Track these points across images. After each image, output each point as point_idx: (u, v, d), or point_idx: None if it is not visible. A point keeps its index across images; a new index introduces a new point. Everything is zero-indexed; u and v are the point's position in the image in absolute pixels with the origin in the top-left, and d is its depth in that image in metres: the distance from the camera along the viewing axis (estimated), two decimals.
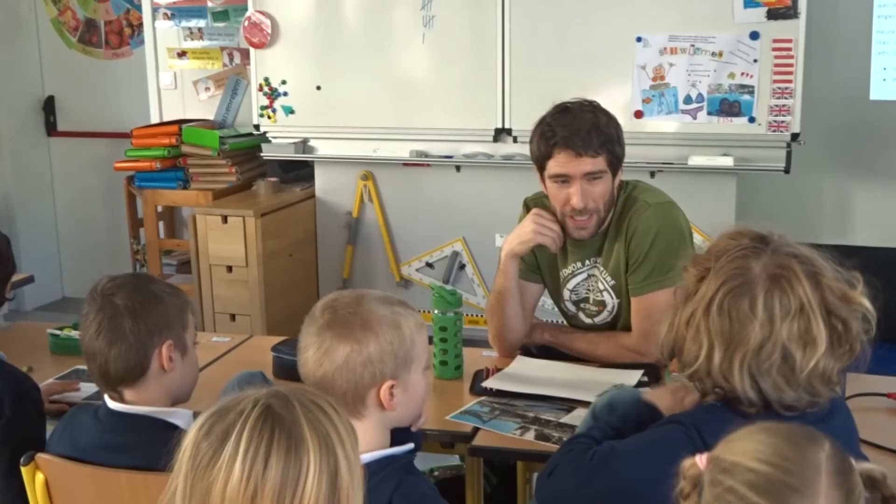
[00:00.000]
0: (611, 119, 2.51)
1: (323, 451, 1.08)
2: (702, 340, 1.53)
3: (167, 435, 1.75)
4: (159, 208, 5.00)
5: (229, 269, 4.43)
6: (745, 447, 1.14)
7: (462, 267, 4.66)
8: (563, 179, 2.49)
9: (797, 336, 1.48)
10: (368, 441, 1.63)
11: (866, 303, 1.52)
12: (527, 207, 2.70)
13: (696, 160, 4.11)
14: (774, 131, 4.02)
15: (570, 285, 2.66)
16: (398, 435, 1.71)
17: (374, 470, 1.59)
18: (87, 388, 2.47)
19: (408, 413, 1.71)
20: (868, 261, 1.58)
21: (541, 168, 2.54)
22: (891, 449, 2.01)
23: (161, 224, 5.08)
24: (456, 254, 4.65)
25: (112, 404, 1.81)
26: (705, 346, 1.53)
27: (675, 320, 1.59)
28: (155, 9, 5.18)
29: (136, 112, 5.41)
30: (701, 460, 1.19)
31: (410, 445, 1.70)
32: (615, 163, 2.49)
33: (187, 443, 1.09)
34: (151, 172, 4.85)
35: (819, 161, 4.41)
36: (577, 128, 2.45)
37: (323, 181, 4.81)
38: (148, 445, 1.74)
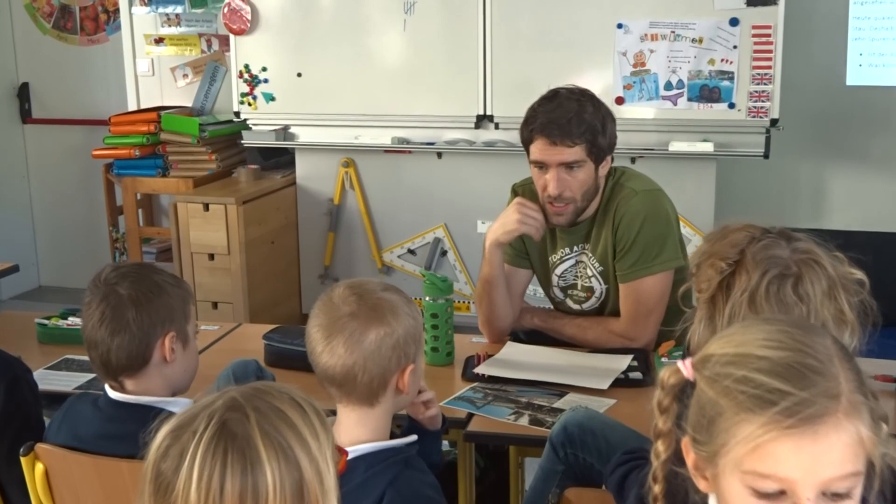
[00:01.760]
0: (599, 109, 2.51)
1: (282, 462, 1.05)
2: None
3: None
4: (138, 196, 4.98)
5: (211, 256, 4.42)
6: (749, 338, 1.14)
7: (444, 253, 4.68)
8: (541, 166, 2.52)
9: (833, 316, 1.53)
10: (372, 430, 1.64)
11: (865, 280, 1.58)
12: (514, 193, 2.72)
13: (677, 146, 4.15)
14: (754, 117, 4.06)
15: (559, 271, 2.69)
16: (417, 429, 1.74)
17: (372, 462, 1.60)
18: (76, 377, 2.47)
19: (414, 393, 1.73)
20: (844, 244, 1.63)
21: (527, 152, 2.56)
22: None
23: (140, 212, 5.06)
24: (438, 240, 4.67)
25: (113, 394, 1.81)
26: None
27: (715, 317, 1.59)
28: None
29: (112, 99, 5.38)
30: (685, 366, 1.19)
31: (412, 438, 1.71)
32: (597, 153, 2.49)
33: (147, 465, 1.07)
34: (130, 160, 4.82)
35: (796, 146, 4.46)
36: (557, 116, 2.47)
37: (304, 168, 4.80)
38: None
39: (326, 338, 1.62)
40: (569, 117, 2.45)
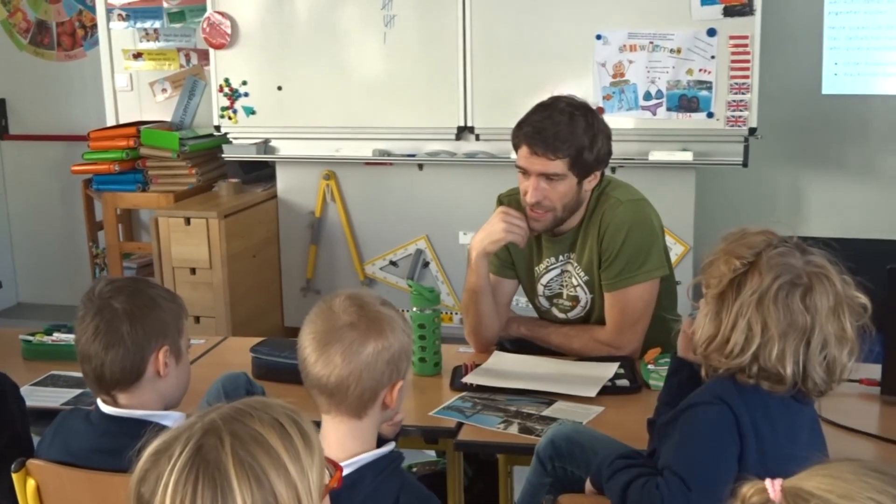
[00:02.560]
0: (592, 125, 2.50)
1: (255, 490, 1.05)
2: (754, 330, 1.60)
3: None
4: (118, 211, 4.96)
5: (193, 271, 4.40)
6: (855, 488, 1.00)
7: (426, 265, 4.69)
8: (523, 171, 2.54)
9: (836, 333, 1.60)
10: (363, 441, 1.64)
11: (867, 304, 1.64)
12: (501, 204, 2.72)
13: (657, 155, 4.19)
14: (732, 126, 4.10)
15: (544, 281, 2.70)
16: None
17: (377, 471, 1.61)
18: (63, 393, 2.46)
19: (395, 412, 1.73)
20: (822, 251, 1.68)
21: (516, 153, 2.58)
22: (863, 432, 2.08)
23: (119, 227, 5.04)
24: (420, 252, 4.68)
25: (106, 408, 1.80)
26: (759, 336, 1.60)
27: (721, 313, 1.63)
28: (109, 10, 5.13)
29: (90, 114, 5.36)
30: (773, 487, 1.05)
31: (392, 444, 1.71)
32: (581, 168, 2.50)
33: (131, 486, 1.08)
34: (110, 175, 4.80)
35: (774, 154, 4.51)
36: (543, 127, 2.48)
37: (285, 181, 4.80)
38: None
39: (323, 346, 1.60)
40: (555, 130, 2.46)
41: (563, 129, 2.46)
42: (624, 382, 2.40)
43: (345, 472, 1.59)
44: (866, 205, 4.61)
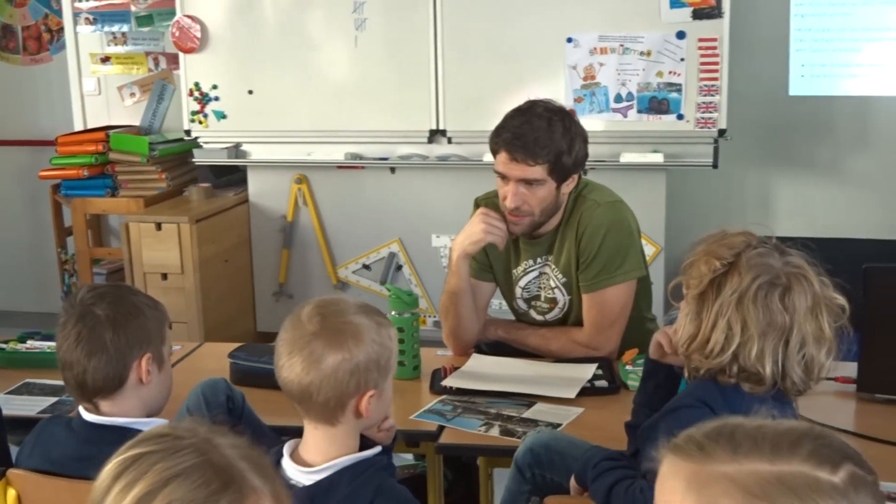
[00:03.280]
0: (570, 130, 2.52)
1: None
2: (734, 329, 1.62)
3: None
4: (87, 216, 4.91)
5: (164, 276, 4.37)
6: None
7: (399, 268, 4.69)
8: (503, 177, 2.55)
9: (814, 333, 1.63)
10: (341, 446, 1.65)
11: (845, 305, 1.67)
12: (478, 206, 2.73)
13: (628, 157, 4.21)
14: (702, 128, 4.14)
15: (523, 283, 2.71)
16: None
17: (353, 474, 1.61)
18: (39, 401, 2.44)
19: (377, 418, 1.73)
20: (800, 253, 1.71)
21: (494, 159, 2.58)
22: (839, 429, 2.11)
23: (88, 232, 4.99)
24: (393, 255, 4.68)
25: (88, 415, 1.79)
26: (738, 335, 1.62)
27: (702, 313, 1.65)
28: (76, 14, 5.08)
29: (57, 119, 5.30)
30: None
31: (378, 448, 1.72)
32: (560, 172, 2.52)
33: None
34: (79, 180, 4.75)
35: (743, 155, 4.55)
36: (522, 133, 2.49)
37: (256, 185, 4.78)
38: None
39: (288, 353, 1.62)
40: (535, 136, 2.47)
41: (542, 134, 2.47)
42: (602, 383, 2.42)
43: (320, 476, 1.61)
44: (834, 204, 4.66)
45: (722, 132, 4.14)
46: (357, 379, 1.61)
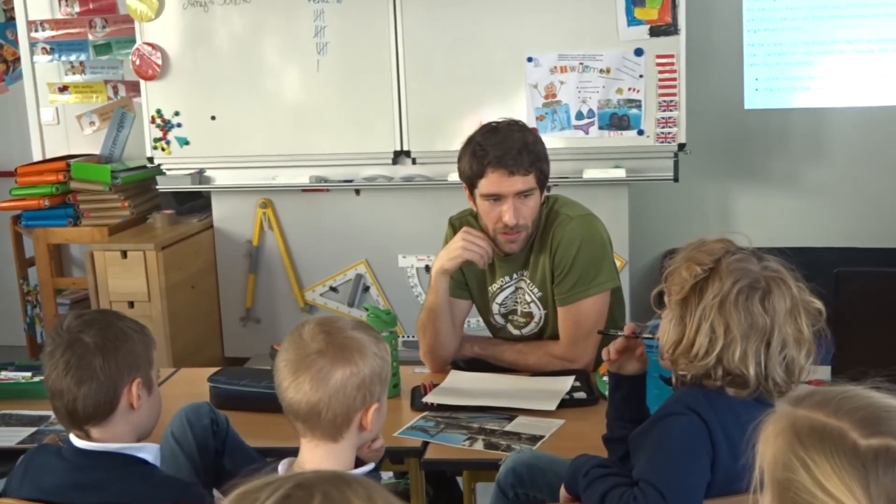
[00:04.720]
0: (537, 138, 2.61)
1: None
2: (717, 332, 1.67)
3: (137, 470, 1.77)
4: (50, 246, 4.86)
5: (131, 304, 4.34)
6: None
7: (366, 289, 4.70)
8: (496, 198, 2.56)
9: (793, 335, 1.68)
10: (339, 462, 1.67)
11: (822, 308, 1.73)
12: (452, 226, 2.77)
13: (591, 173, 4.27)
14: (662, 142, 4.21)
15: (499, 299, 2.74)
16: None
17: None
18: (17, 431, 2.41)
19: (377, 431, 1.76)
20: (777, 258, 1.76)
21: (471, 186, 2.60)
22: None
23: (51, 263, 4.94)
24: (360, 276, 4.69)
25: (79, 443, 1.78)
26: (722, 337, 1.66)
27: (685, 318, 1.69)
28: (33, 43, 5.05)
29: (15, 150, 5.27)
30: None
31: (372, 465, 1.74)
32: (543, 180, 2.59)
33: None
34: (40, 210, 4.71)
35: (703, 169, 4.63)
36: (509, 147, 2.53)
37: (221, 211, 4.77)
38: (120, 481, 1.75)
39: (293, 373, 1.64)
40: (518, 147, 2.52)
41: (524, 145, 2.54)
42: (581, 395, 2.46)
43: None
44: (791, 214, 4.77)
45: (682, 146, 4.22)
46: (363, 393, 1.64)
